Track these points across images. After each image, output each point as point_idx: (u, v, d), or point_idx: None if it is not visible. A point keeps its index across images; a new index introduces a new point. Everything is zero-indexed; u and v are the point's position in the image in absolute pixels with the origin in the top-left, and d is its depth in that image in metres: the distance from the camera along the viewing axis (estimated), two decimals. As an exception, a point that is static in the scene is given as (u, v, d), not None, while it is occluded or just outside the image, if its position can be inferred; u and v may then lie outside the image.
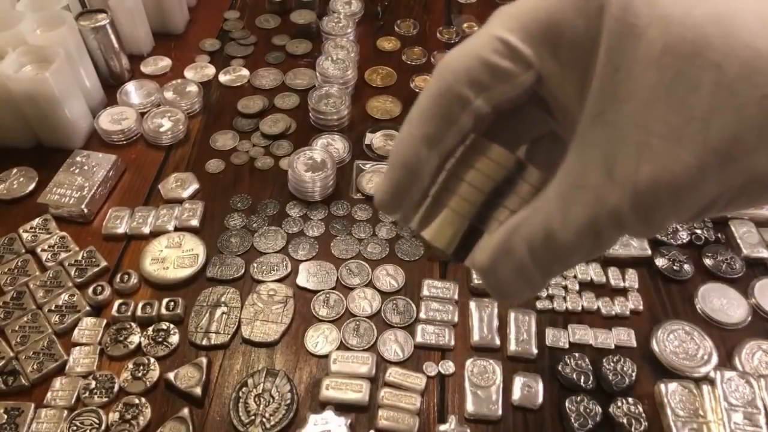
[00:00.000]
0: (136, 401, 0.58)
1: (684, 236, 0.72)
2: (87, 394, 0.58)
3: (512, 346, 0.63)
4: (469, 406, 0.58)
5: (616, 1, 0.22)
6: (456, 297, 0.67)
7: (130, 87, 0.90)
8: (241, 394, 0.58)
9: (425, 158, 0.27)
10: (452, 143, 0.27)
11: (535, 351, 0.62)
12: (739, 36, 0.21)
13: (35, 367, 0.60)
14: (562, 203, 0.25)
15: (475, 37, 0.26)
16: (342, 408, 0.58)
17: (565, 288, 0.68)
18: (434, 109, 0.26)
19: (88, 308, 0.65)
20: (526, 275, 0.27)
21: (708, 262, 0.70)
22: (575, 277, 0.69)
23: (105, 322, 0.64)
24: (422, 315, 0.65)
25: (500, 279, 0.28)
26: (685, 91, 0.21)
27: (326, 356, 0.61)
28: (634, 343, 0.64)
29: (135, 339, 0.62)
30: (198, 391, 0.58)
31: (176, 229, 0.72)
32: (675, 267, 0.70)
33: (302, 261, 0.70)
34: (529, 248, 0.26)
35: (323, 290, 0.67)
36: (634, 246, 0.71)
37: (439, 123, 0.26)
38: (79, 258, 0.69)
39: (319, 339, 0.63)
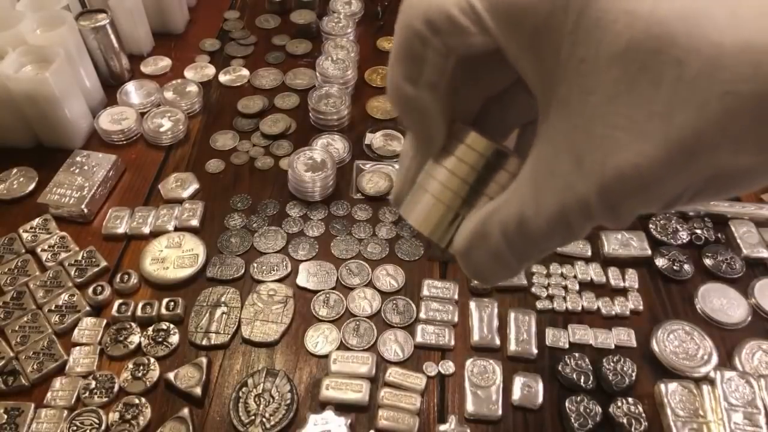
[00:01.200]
0: (136, 401, 0.58)
1: (684, 236, 0.72)
2: (87, 394, 0.58)
3: (512, 346, 0.63)
4: (469, 406, 0.58)
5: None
6: (456, 297, 0.67)
7: (130, 87, 0.90)
8: (241, 394, 0.58)
9: (413, 95, 0.27)
10: (432, 81, 0.27)
11: (535, 351, 0.62)
12: (703, 32, 0.20)
13: (35, 367, 0.60)
14: (534, 189, 0.25)
15: (399, 36, 0.27)
16: (342, 408, 0.58)
17: (565, 288, 0.68)
18: (400, 46, 0.27)
19: (88, 308, 0.65)
20: (502, 260, 0.27)
21: (708, 262, 0.70)
22: (575, 277, 0.69)
23: (105, 322, 0.64)
24: (422, 315, 0.65)
25: (476, 262, 0.28)
26: (647, 86, 0.21)
27: (326, 356, 0.61)
28: (634, 343, 0.64)
29: (135, 339, 0.62)
30: (198, 391, 0.58)
31: (176, 229, 0.72)
32: (675, 267, 0.70)
33: (302, 261, 0.70)
34: (503, 234, 0.26)
35: (323, 290, 0.67)
36: (634, 246, 0.71)
37: (408, 59, 0.27)
38: (79, 258, 0.69)
39: (319, 339, 0.63)
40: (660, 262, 0.70)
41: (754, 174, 0.23)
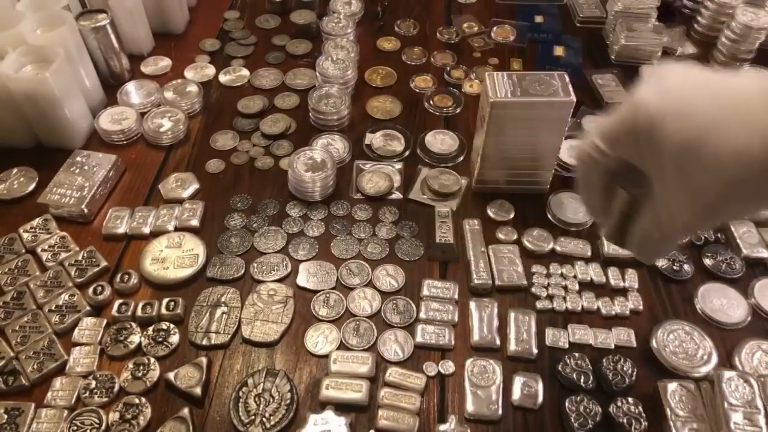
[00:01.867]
0: (136, 401, 0.58)
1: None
2: (87, 394, 0.58)
3: (512, 346, 0.63)
4: (469, 406, 0.58)
5: (645, 126, 0.41)
6: (456, 297, 0.67)
7: (130, 87, 0.90)
8: (241, 394, 0.59)
9: (590, 186, 0.49)
10: (602, 177, 0.48)
11: (535, 351, 0.62)
12: (715, 146, 0.38)
13: (35, 367, 0.60)
14: (658, 219, 0.45)
15: (586, 136, 0.47)
16: (342, 408, 0.58)
17: (565, 288, 0.68)
18: (579, 164, 0.49)
19: (88, 308, 0.65)
20: (655, 252, 0.51)
21: (708, 262, 0.70)
22: (575, 277, 0.69)
23: (105, 322, 0.64)
24: (422, 315, 0.65)
25: (644, 254, 0.51)
26: (687, 175, 0.40)
27: (326, 356, 0.61)
28: (633, 343, 0.64)
29: (135, 339, 0.62)
30: (198, 391, 0.58)
31: (176, 229, 0.72)
32: (675, 267, 0.70)
33: (302, 261, 0.70)
34: (651, 239, 0.48)
35: (323, 290, 0.67)
36: (634, 246, 0.71)
37: (589, 174, 0.48)
38: (80, 258, 0.69)
39: (319, 339, 0.63)
40: (660, 262, 0.70)
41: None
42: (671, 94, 0.41)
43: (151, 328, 0.63)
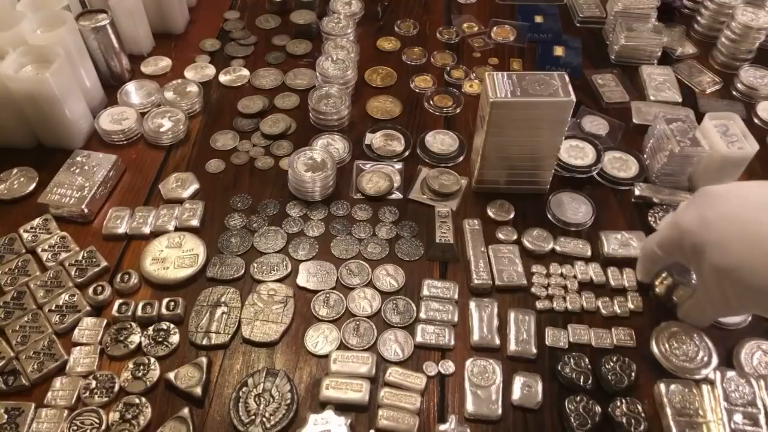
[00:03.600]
0: (137, 401, 0.58)
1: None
2: (87, 394, 0.58)
3: (512, 346, 0.63)
4: (469, 406, 0.58)
5: (689, 248, 0.54)
6: (456, 297, 0.67)
7: (131, 87, 0.90)
8: (241, 394, 0.59)
9: (651, 270, 0.64)
10: (662, 267, 0.63)
11: (534, 351, 0.63)
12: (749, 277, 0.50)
13: (35, 366, 0.60)
14: (701, 302, 0.58)
15: (648, 241, 0.62)
16: (342, 408, 0.58)
17: (565, 288, 0.68)
18: (644, 258, 0.64)
19: (88, 308, 0.65)
20: (700, 321, 0.62)
21: (708, 262, 0.70)
22: (575, 277, 0.69)
23: (105, 322, 0.64)
24: (422, 315, 0.65)
25: (691, 322, 0.63)
26: (718, 283, 0.52)
27: (326, 356, 0.61)
28: (633, 343, 0.64)
29: (135, 339, 0.62)
30: (198, 390, 0.58)
31: (176, 229, 0.72)
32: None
33: (302, 261, 0.70)
34: (694, 317, 0.62)
35: (323, 290, 0.67)
36: (634, 246, 0.71)
37: (649, 264, 0.63)
38: (80, 258, 0.69)
39: (319, 339, 0.63)
40: None
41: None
42: (712, 227, 0.51)
43: (151, 328, 0.63)
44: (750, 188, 0.53)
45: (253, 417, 0.57)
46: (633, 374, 0.60)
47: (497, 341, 0.63)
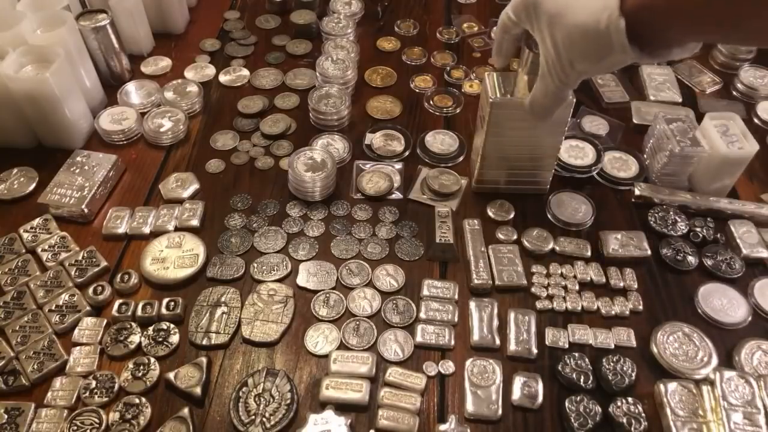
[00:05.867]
0: (137, 401, 0.58)
1: (683, 227, 0.73)
2: (87, 394, 0.58)
3: (512, 346, 0.63)
4: (469, 406, 0.58)
5: (532, 3, 0.58)
6: (456, 297, 0.67)
7: (131, 87, 0.90)
8: (241, 394, 0.59)
9: (503, 41, 0.65)
10: (509, 33, 0.64)
11: (535, 351, 0.63)
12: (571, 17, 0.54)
13: (35, 366, 0.60)
14: (542, 80, 0.61)
15: (502, 13, 0.63)
16: (342, 408, 0.58)
17: (565, 288, 0.68)
18: (499, 31, 0.65)
19: (88, 308, 0.65)
20: (542, 112, 0.64)
21: (708, 262, 0.70)
22: (575, 277, 0.69)
23: (105, 322, 0.64)
24: (422, 315, 0.65)
25: (533, 113, 0.64)
26: (547, 31, 0.57)
27: (326, 356, 0.61)
28: (633, 343, 0.64)
29: (135, 339, 0.62)
30: (198, 391, 0.58)
31: (176, 229, 0.72)
32: (679, 257, 0.70)
33: (302, 261, 0.70)
34: (534, 105, 0.64)
35: (323, 290, 0.67)
36: (634, 246, 0.71)
37: (502, 33, 0.64)
38: (80, 258, 0.69)
39: (319, 339, 0.63)
40: (665, 251, 0.70)
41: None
42: None
43: (151, 328, 0.63)
44: None
45: (253, 417, 0.57)
46: (633, 374, 0.60)
47: (497, 341, 0.63)
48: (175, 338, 0.63)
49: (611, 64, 0.55)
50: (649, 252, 0.70)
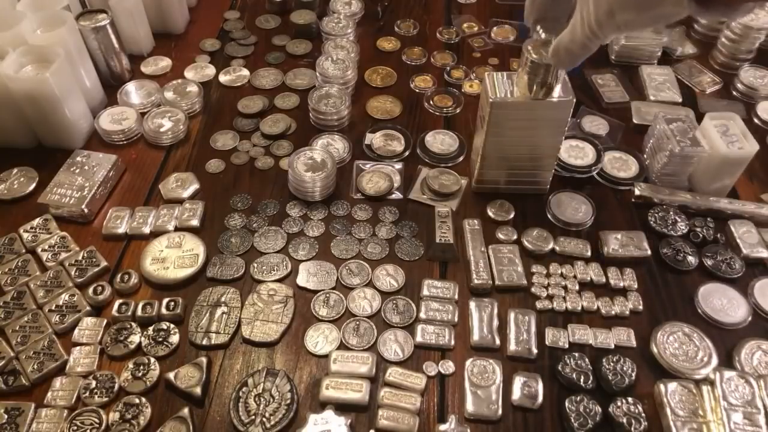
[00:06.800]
0: (137, 401, 0.58)
1: (683, 227, 0.73)
2: (87, 394, 0.58)
3: (512, 346, 0.63)
4: (469, 406, 0.58)
5: None
6: (456, 297, 0.67)
7: (131, 87, 0.90)
8: (241, 394, 0.59)
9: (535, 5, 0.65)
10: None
11: (535, 351, 0.63)
12: None
13: (35, 366, 0.60)
14: (571, 28, 0.56)
15: None
16: (342, 408, 0.58)
17: (565, 288, 0.68)
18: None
19: (88, 308, 0.65)
20: (568, 59, 0.59)
21: (708, 262, 0.70)
22: (575, 277, 0.69)
23: (105, 322, 0.64)
24: (422, 315, 0.65)
25: (557, 58, 0.60)
26: None
27: (326, 356, 0.61)
28: (633, 343, 0.64)
29: (135, 339, 0.62)
30: (198, 391, 0.58)
31: (176, 229, 0.72)
32: (679, 257, 0.70)
33: (302, 261, 0.70)
34: (563, 50, 0.59)
35: (323, 290, 0.67)
36: (634, 246, 0.71)
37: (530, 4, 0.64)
38: (80, 258, 0.69)
39: (319, 339, 0.63)
40: (665, 251, 0.70)
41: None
42: None
43: (151, 328, 0.63)
44: None
45: (253, 417, 0.57)
46: (633, 374, 0.60)
47: (497, 341, 0.63)
48: (175, 338, 0.63)
49: (658, 16, 0.48)
50: (649, 252, 0.70)
